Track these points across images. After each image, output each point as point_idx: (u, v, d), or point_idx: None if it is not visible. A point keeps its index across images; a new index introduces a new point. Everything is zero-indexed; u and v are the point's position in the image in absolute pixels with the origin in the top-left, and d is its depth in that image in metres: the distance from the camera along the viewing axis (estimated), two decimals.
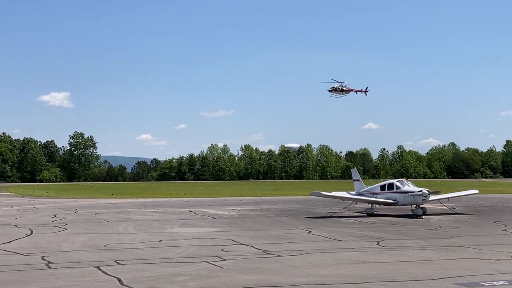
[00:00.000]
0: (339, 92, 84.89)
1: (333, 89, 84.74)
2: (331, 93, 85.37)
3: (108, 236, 22.49)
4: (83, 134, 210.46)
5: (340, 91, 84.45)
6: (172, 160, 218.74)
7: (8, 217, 32.88)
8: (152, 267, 14.95)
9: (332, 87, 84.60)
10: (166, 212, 37.03)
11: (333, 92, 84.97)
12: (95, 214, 35.14)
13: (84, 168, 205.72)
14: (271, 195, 67.31)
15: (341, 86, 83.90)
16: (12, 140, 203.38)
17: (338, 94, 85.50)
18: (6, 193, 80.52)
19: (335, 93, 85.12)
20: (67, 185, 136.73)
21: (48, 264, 15.36)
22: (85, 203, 49.39)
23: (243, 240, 20.94)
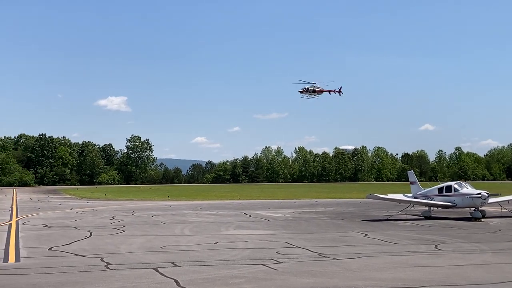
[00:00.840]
0: (311, 93, 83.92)
1: (305, 90, 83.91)
2: (303, 94, 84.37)
3: (165, 238, 22.77)
4: (139, 138, 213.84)
5: (312, 92, 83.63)
6: (227, 163, 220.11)
7: (68, 219, 33.66)
8: (208, 269, 15.06)
9: (303, 88, 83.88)
10: (221, 215, 37.26)
11: (305, 93, 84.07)
12: (151, 216, 35.64)
13: (141, 170, 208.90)
14: (326, 197, 66.95)
15: (313, 87, 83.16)
16: (71, 143, 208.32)
17: (310, 95, 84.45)
18: (66, 195, 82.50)
19: (307, 94, 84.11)
20: (125, 188, 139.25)
21: (107, 266, 15.65)
22: (142, 205, 50.15)
23: (298, 243, 20.89)
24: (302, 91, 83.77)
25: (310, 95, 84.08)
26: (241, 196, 72.03)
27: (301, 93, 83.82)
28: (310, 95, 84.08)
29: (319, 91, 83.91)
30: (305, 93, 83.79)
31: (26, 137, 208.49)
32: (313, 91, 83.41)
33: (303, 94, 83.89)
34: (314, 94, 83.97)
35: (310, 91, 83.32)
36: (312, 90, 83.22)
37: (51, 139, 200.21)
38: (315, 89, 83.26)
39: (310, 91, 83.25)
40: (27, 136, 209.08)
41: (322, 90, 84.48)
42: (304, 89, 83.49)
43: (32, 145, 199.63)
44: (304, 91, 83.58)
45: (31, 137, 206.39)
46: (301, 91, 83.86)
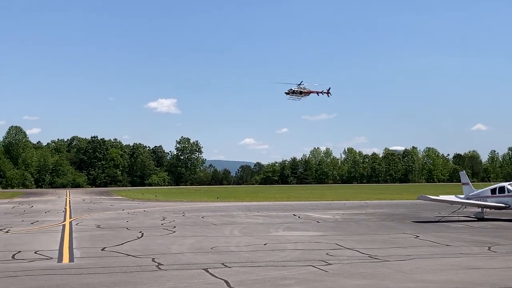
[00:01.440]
0: (297, 95, 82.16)
1: (291, 91, 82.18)
2: (289, 95, 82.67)
3: (215, 239, 22.92)
4: (189, 139, 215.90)
5: (298, 93, 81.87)
6: (275, 164, 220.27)
7: (120, 220, 34.20)
8: (258, 270, 15.08)
9: (289, 90, 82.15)
10: (270, 216, 37.28)
11: (291, 94, 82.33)
12: (201, 217, 35.91)
13: (190, 172, 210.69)
14: (376, 199, 66.28)
15: (300, 88, 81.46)
16: (122, 145, 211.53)
17: (297, 97, 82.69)
18: (118, 196, 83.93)
19: (294, 96, 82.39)
20: (175, 189, 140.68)
21: (158, 266, 15.84)
22: (192, 207, 50.58)
23: (348, 245, 20.75)
24: (288, 92, 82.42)
25: (296, 96, 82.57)
26: (290, 197, 71.97)
27: (287, 94, 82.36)
28: (296, 96, 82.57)
29: (306, 92, 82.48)
30: (292, 94, 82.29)
31: (78, 140, 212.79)
32: (300, 93, 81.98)
33: (289, 95, 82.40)
34: (301, 95, 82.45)
35: (297, 93, 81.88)
36: (299, 92, 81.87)
37: (103, 141, 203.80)
38: (302, 91, 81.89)
39: (297, 92, 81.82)
40: (79, 138, 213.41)
41: (309, 92, 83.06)
42: (290, 90, 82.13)
43: (85, 147, 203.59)
44: (290, 92, 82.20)
45: (83, 140, 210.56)
46: (287, 93, 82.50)
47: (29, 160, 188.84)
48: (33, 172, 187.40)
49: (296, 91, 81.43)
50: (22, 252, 18.89)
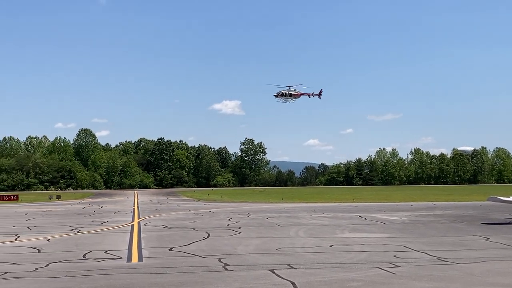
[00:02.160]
0: (287, 97, 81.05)
1: (280, 94, 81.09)
2: (279, 98, 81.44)
3: (280, 240, 22.91)
4: (253, 140, 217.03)
5: (288, 96, 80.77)
6: (340, 165, 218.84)
7: (187, 221, 34.64)
8: (324, 272, 15.00)
9: (278, 92, 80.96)
10: (335, 217, 37.01)
11: (280, 97, 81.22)
12: (266, 218, 35.97)
13: (255, 173, 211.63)
14: (444, 200, 64.87)
15: (289, 91, 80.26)
16: (188, 147, 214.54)
17: (286, 99, 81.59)
18: (184, 197, 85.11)
19: (283, 98, 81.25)
20: (239, 190, 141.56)
21: (225, 266, 15.95)
22: (257, 207, 50.74)
23: (416, 247, 20.39)
24: (277, 95, 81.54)
25: (286, 99, 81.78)
26: (356, 198, 71.28)
27: (276, 97, 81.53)
28: (286, 99, 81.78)
29: (295, 94, 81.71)
30: (281, 97, 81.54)
31: (145, 141, 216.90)
32: (290, 95, 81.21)
33: (279, 98, 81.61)
34: (291, 98, 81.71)
35: (287, 95, 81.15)
36: (289, 94, 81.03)
37: (169, 143, 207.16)
38: (292, 93, 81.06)
39: (287, 95, 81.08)
40: (146, 140, 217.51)
41: (299, 94, 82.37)
42: (279, 93, 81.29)
43: (152, 149, 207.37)
44: (279, 95, 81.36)
45: (150, 141, 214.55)
46: (277, 95, 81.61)
47: (98, 162, 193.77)
48: (102, 173, 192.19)
49: (286, 93, 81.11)
50: (92, 252, 19.37)
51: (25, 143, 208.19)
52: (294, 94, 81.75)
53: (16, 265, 16.60)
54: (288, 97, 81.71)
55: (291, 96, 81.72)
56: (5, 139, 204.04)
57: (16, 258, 17.98)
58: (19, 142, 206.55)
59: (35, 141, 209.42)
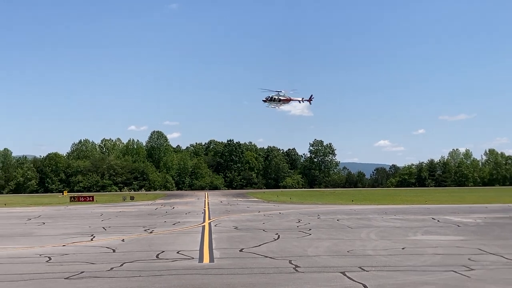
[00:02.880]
0: (276, 102, 79.53)
1: (268, 99, 79.58)
2: (267, 103, 79.90)
3: (351, 242, 22.69)
4: (322, 142, 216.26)
5: (277, 101, 79.30)
6: (411, 166, 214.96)
7: (257, 222, 34.79)
8: (397, 275, 14.76)
9: (267, 97, 79.58)
10: (407, 219, 36.40)
11: (269, 102, 79.72)
12: (337, 220, 35.70)
13: (324, 174, 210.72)
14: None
15: (278, 96, 78.82)
16: (257, 148, 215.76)
17: (275, 104, 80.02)
18: (253, 198, 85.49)
19: (272, 103, 79.68)
20: (308, 191, 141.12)
21: (295, 268, 15.92)
22: (327, 209, 50.45)
23: (492, 250, 19.80)
24: (266, 100, 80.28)
25: (275, 104, 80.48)
26: (428, 200, 69.89)
27: (265, 102, 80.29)
28: (275, 104, 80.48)
29: (284, 100, 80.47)
30: (270, 102, 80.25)
31: (215, 143, 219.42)
32: (279, 100, 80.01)
33: (267, 103, 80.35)
34: (279, 103, 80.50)
35: (276, 100, 79.89)
36: (278, 99, 79.80)
37: (238, 145, 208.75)
38: (280, 98, 79.84)
39: (276, 100, 79.81)
40: (216, 142, 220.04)
41: (289, 99, 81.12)
42: (268, 97, 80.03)
43: (221, 151, 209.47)
44: (268, 100, 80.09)
45: (220, 143, 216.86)
46: (265, 100, 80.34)
47: (170, 163, 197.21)
48: (173, 175, 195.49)
49: (275, 98, 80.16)
50: (165, 252, 19.70)
51: (100, 146, 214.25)
52: (283, 99, 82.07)
53: (92, 264, 17.07)
54: (277, 102, 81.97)
55: (280, 101, 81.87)
56: (81, 142, 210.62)
57: (92, 258, 18.49)
58: (94, 145, 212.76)
59: (109, 143, 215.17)
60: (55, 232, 29.14)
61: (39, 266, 16.94)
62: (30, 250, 21.28)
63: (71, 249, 21.31)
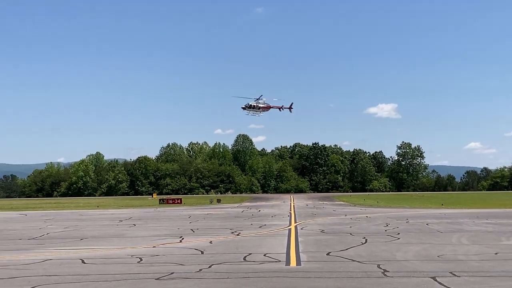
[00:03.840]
0: (256, 110, 78.86)
1: (247, 106, 78.86)
2: (246, 110, 79.29)
3: (442, 247, 22.12)
4: (410, 144, 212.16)
5: (257, 108, 78.65)
6: (504, 169, 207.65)
7: (343, 225, 34.50)
8: (490, 281, 14.27)
9: (246, 104, 78.80)
10: (500, 223, 35.16)
11: (248, 109, 79.06)
12: (426, 224, 34.90)
13: (412, 178, 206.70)
14: None
15: (257, 103, 78.13)
16: (343, 151, 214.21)
17: (255, 112, 79.28)
18: (339, 202, 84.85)
19: (252, 111, 78.97)
20: (396, 195, 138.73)
21: (384, 273, 15.67)
22: (415, 213, 49.42)
23: None
24: (245, 107, 79.59)
25: (254, 111, 79.71)
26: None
27: (244, 109, 79.64)
28: (254, 111, 79.71)
29: (264, 107, 79.65)
30: (249, 109, 79.53)
31: (300, 146, 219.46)
32: (258, 108, 79.36)
33: (246, 110, 79.60)
34: (259, 110, 79.71)
35: (256, 108, 79.20)
36: (257, 107, 79.14)
37: (323, 148, 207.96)
38: (260, 106, 79.17)
39: (255, 107, 79.14)
40: (301, 145, 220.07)
41: (268, 107, 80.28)
42: (247, 105, 79.20)
43: (307, 154, 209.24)
44: (247, 107, 79.35)
45: (305, 146, 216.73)
46: (244, 108, 79.66)
47: (255, 167, 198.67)
48: (259, 178, 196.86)
49: (255, 106, 79.67)
50: (252, 254, 19.83)
51: (187, 149, 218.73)
52: (263, 106, 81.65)
53: (181, 265, 17.40)
54: (257, 110, 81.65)
55: (259, 109, 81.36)
56: (169, 145, 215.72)
57: (181, 259, 18.85)
58: (182, 148, 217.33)
59: (196, 147, 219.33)
60: (146, 234, 29.92)
61: (131, 266, 17.43)
62: (122, 251, 21.93)
63: (161, 250, 21.81)
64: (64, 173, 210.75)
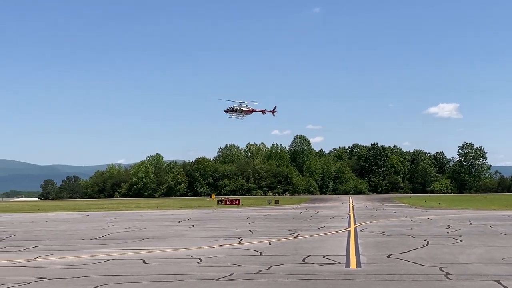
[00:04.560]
0: (238, 113, 79.23)
1: (231, 109, 79.26)
2: (229, 113, 79.58)
3: (506, 250, 21.51)
4: (472, 145, 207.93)
5: (239, 111, 79.01)
6: None
7: (404, 227, 33.96)
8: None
9: (229, 107, 79.31)
10: None
11: (230, 112, 79.37)
12: (489, 226, 34.07)
13: (474, 179, 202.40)
14: None
15: (241, 107, 78.50)
16: (402, 152, 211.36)
17: (237, 115, 79.70)
18: (399, 203, 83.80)
19: (234, 114, 79.42)
20: (458, 196, 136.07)
21: (446, 276, 15.34)
22: (478, 215, 48.30)
23: None
24: (227, 110, 80.00)
25: (237, 115, 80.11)
26: None
27: (226, 112, 79.97)
28: (237, 115, 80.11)
29: (247, 110, 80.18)
30: (231, 112, 79.96)
31: (359, 147, 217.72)
32: (241, 111, 79.78)
33: (229, 113, 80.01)
34: (242, 113, 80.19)
35: (238, 111, 79.57)
36: (240, 110, 79.51)
37: (382, 148, 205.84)
38: (243, 109, 79.63)
39: (238, 111, 79.53)
40: (360, 146, 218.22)
41: (251, 110, 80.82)
42: (230, 108, 79.76)
43: (365, 155, 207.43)
44: (230, 110, 79.81)
45: (364, 147, 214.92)
46: (227, 111, 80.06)
47: (313, 168, 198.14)
48: (317, 179, 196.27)
49: (237, 109, 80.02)
50: (311, 256, 19.73)
51: (244, 150, 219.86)
52: (246, 110, 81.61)
53: (240, 266, 17.45)
54: (239, 113, 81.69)
55: (242, 112, 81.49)
56: (226, 146, 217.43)
57: (241, 260, 18.91)
58: (239, 149, 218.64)
59: (253, 148, 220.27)
60: (205, 234, 30.17)
61: (191, 267, 17.59)
62: (182, 251, 22.17)
63: (220, 251, 21.93)
64: (125, 174, 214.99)
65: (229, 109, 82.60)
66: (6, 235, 31.95)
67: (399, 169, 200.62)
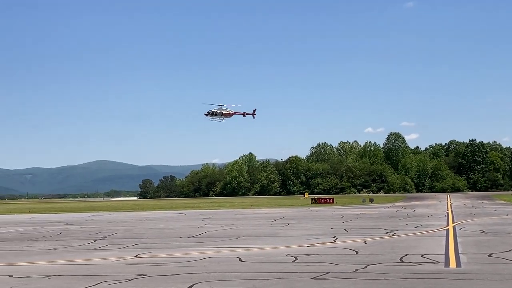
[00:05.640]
0: (218, 116, 79.71)
1: (211, 112, 79.64)
2: (210, 117, 79.78)
3: None
4: None
5: (220, 115, 79.70)
6: None
7: (505, 226, 32.83)
8: None
9: (209, 111, 79.64)
10: None
11: (211, 116, 79.69)
12: None
13: None
14: None
15: (221, 110, 79.43)
16: (502, 148, 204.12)
17: (218, 118, 79.85)
18: (500, 201, 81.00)
19: (215, 117, 79.69)
20: None
21: None
22: None
23: None
24: (208, 114, 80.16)
25: (218, 118, 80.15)
26: None
27: (206, 116, 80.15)
28: (218, 118, 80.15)
29: (227, 114, 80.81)
30: (212, 116, 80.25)
31: (456, 144, 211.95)
32: (221, 114, 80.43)
33: (209, 117, 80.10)
34: (222, 116, 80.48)
35: (219, 114, 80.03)
36: (220, 113, 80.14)
37: (481, 145, 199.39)
38: (223, 112, 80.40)
39: (218, 114, 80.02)
40: (457, 142, 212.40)
41: (231, 113, 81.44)
42: (210, 111, 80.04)
43: (463, 151, 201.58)
44: (210, 114, 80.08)
45: (461, 143, 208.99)
46: (207, 114, 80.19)
47: (408, 165, 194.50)
48: (412, 177, 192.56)
49: (218, 112, 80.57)
50: (409, 255, 19.33)
51: (337, 149, 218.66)
52: (226, 113, 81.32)
53: (336, 265, 17.33)
54: (220, 116, 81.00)
55: (222, 115, 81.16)
56: (319, 145, 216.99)
57: (336, 259, 18.78)
58: (332, 148, 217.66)
59: (346, 146, 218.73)
60: (299, 233, 30.19)
61: (286, 265, 17.63)
62: (277, 249, 22.27)
63: (315, 249, 21.87)
64: (219, 173, 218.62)
65: (209, 113, 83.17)
66: (108, 233, 33.16)
67: (499, 166, 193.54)
